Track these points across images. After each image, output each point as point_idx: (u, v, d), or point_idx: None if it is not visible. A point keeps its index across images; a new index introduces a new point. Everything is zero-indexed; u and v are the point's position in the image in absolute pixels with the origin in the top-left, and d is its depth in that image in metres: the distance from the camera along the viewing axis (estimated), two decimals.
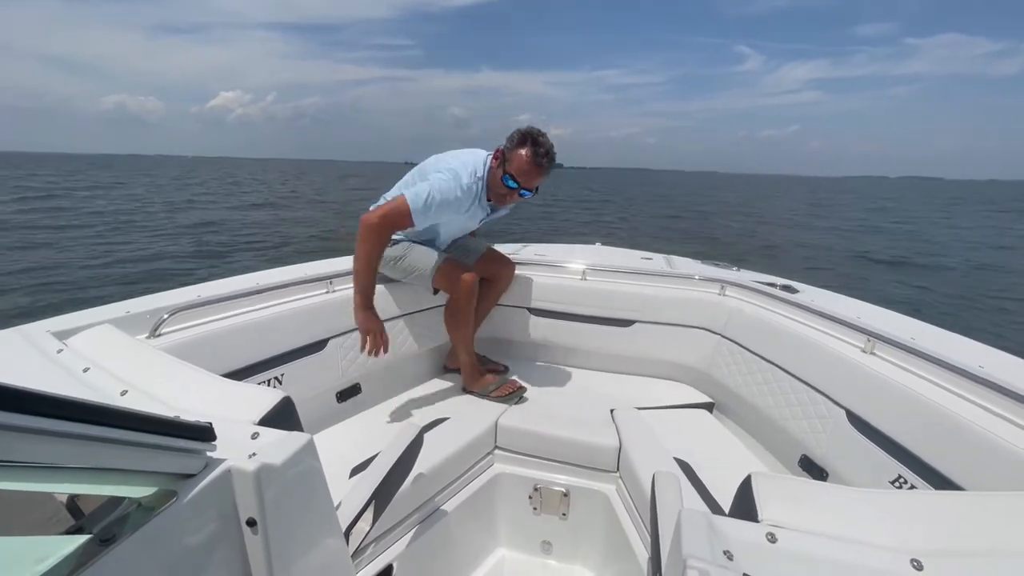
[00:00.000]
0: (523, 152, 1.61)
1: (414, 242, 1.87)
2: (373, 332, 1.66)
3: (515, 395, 1.88)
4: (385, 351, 1.68)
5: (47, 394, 0.36)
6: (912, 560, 0.51)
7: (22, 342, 1.06)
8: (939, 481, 1.09)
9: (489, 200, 1.77)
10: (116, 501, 0.50)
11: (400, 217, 1.60)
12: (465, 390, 1.97)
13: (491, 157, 1.71)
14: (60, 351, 0.99)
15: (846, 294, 1.99)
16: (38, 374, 0.91)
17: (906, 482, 1.15)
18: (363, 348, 1.66)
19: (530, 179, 1.65)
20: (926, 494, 0.96)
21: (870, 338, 1.47)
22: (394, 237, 1.79)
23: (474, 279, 1.82)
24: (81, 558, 0.43)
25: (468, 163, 1.70)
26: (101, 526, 0.46)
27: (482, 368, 2.01)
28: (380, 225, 1.60)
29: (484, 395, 1.90)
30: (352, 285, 1.69)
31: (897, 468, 1.18)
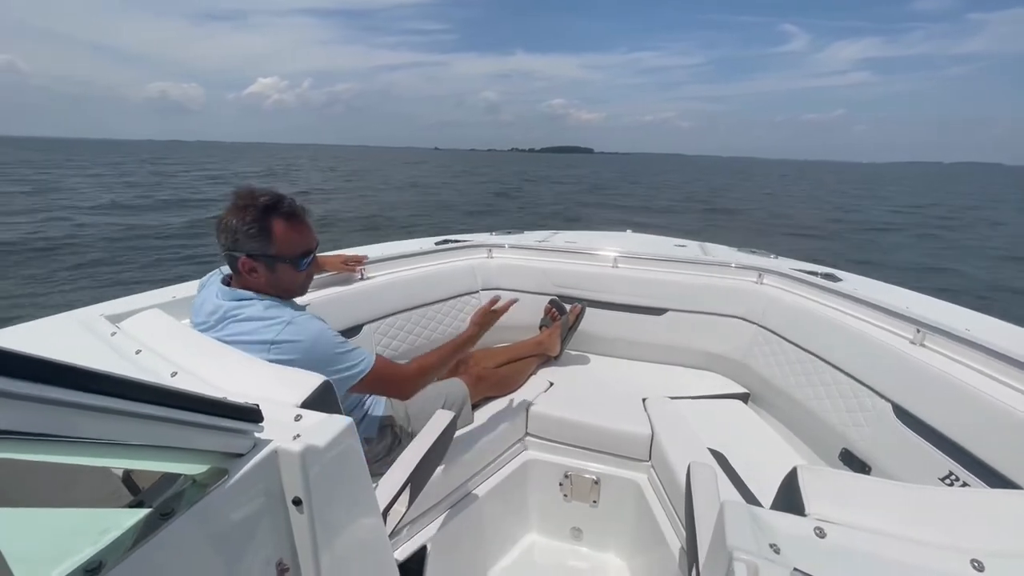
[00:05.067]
0: (278, 223, 1.14)
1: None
2: (492, 311, 1.47)
3: (580, 315, 2.10)
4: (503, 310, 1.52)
5: (112, 374, 0.37)
6: (972, 560, 0.49)
7: (78, 326, 1.12)
8: (994, 479, 1.04)
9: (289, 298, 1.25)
10: (171, 477, 0.53)
11: (390, 366, 1.24)
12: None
13: (239, 277, 1.18)
14: (114, 334, 1.04)
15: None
16: (95, 356, 0.96)
17: (958, 479, 1.11)
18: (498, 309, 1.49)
19: (309, 236, 1.21)
20: (984, 492, 0.92)
21: (920, 328, 1.40)
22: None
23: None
24: (143, 531, 0.45)
25: (253, 305, 1.14)
26: (160, 501, 0.49)
27: (546, 334, 2.06)
28: (407, 380, 1.26)
29: (568, 337, 2.08)
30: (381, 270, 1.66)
31: (948, 464, 1.13)
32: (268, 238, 1.13)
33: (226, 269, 1.22)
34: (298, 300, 1.30)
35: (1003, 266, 10.07)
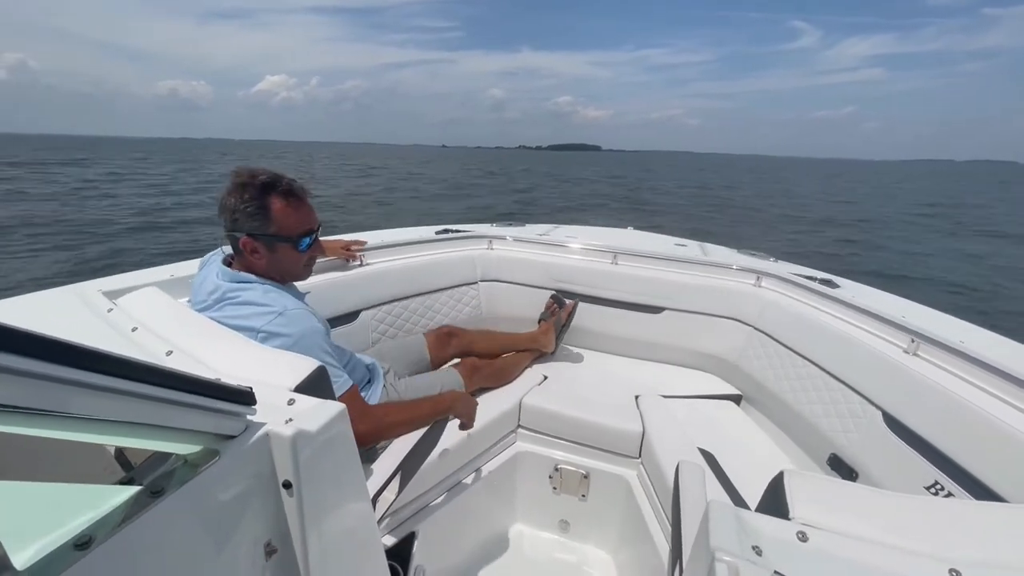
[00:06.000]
0: (276, 202, 1.12)
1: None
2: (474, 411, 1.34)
3: (571, 312, 2.10)
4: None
5: (107, 353, 0.38)
6: (951, 570, 0.49)
7: (76, 300, 1.12)
8: (980, 491, 1.05)
9: (288, 280, 1.26)
10: (162, 456, 0.53)
11: (357, 400, 1.17)
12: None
13: (241, 258, 1.17)
14: (110, 310, 1.04)
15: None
16: (90, 331, 0.96)
17: (943, 489, 1.12)
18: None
19: (308, 217, 1.19)
20: (967, 503, 0.93)
21: (914, 338, 1.41)
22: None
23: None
24: (133, 508, 0.45)
25: (252, 289, 1.14)
26: (150, 479, 0.49)
27: (542, 329, 2.06)
28: (374, 424, 1.15)
29: (561, 333, 2.08)
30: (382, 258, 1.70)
31: (934, 474, 1.14)
32: (267, 217, 1.12)
33: (228, 248, 1.21)
34: (299, 285, 1.30)
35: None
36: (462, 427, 1.33)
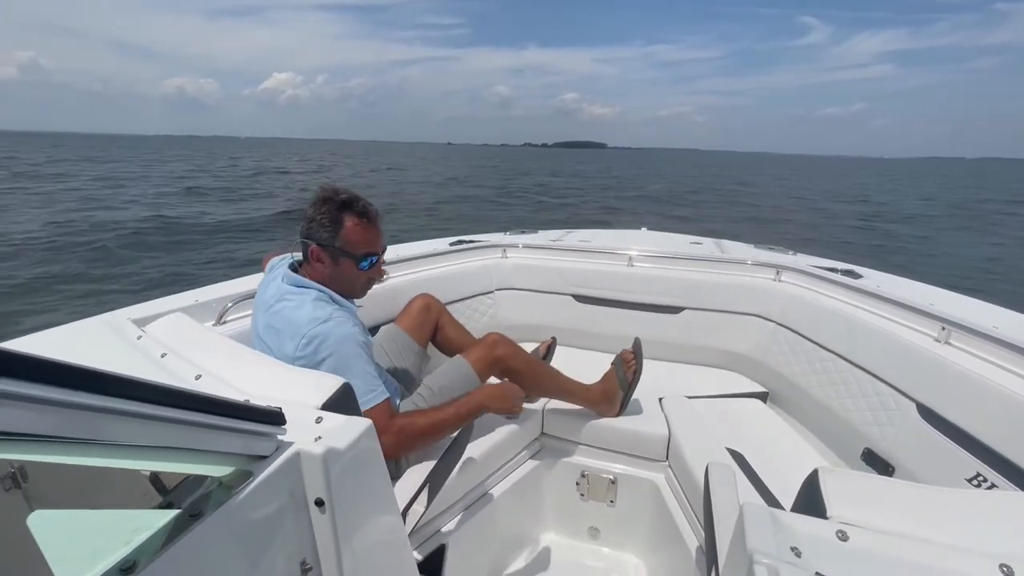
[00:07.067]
0: (349, 219, 1.23)
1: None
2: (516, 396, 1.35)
3: (639, 362, 1.61)
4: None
5: (140, 380, 0.39)
6: (1002, 565, 0.47)
7: (107, 329, 1.15)
8: None
9: (346, 295, 1.32)
10: (198, 479, 0.54)
11: (389, 412, 1.19)
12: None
13: (303, 263, 1.28)
14: (140, 337, 1.07)
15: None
16: (123, 359, 0.98)
17: (985, 480, 1.08)
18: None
19: (375, 240, 1.28)
20: (1013, 495, 0.90)
21: (945, 326, 1.37)
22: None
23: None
24: (173, 531, 0.46)
25: (307, 295, 1.21)
26: (189, 502, 0.50)
27: (606, 388, 1.62)
28: (396, 436, 1.18)
29: (628, 396, 1.62)
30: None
31: (976, 465, 1.11)
32: (337, 231, 1.21)
33: (297, 254, 1.31)
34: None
35: None
36: (509, 416, 1.34)
